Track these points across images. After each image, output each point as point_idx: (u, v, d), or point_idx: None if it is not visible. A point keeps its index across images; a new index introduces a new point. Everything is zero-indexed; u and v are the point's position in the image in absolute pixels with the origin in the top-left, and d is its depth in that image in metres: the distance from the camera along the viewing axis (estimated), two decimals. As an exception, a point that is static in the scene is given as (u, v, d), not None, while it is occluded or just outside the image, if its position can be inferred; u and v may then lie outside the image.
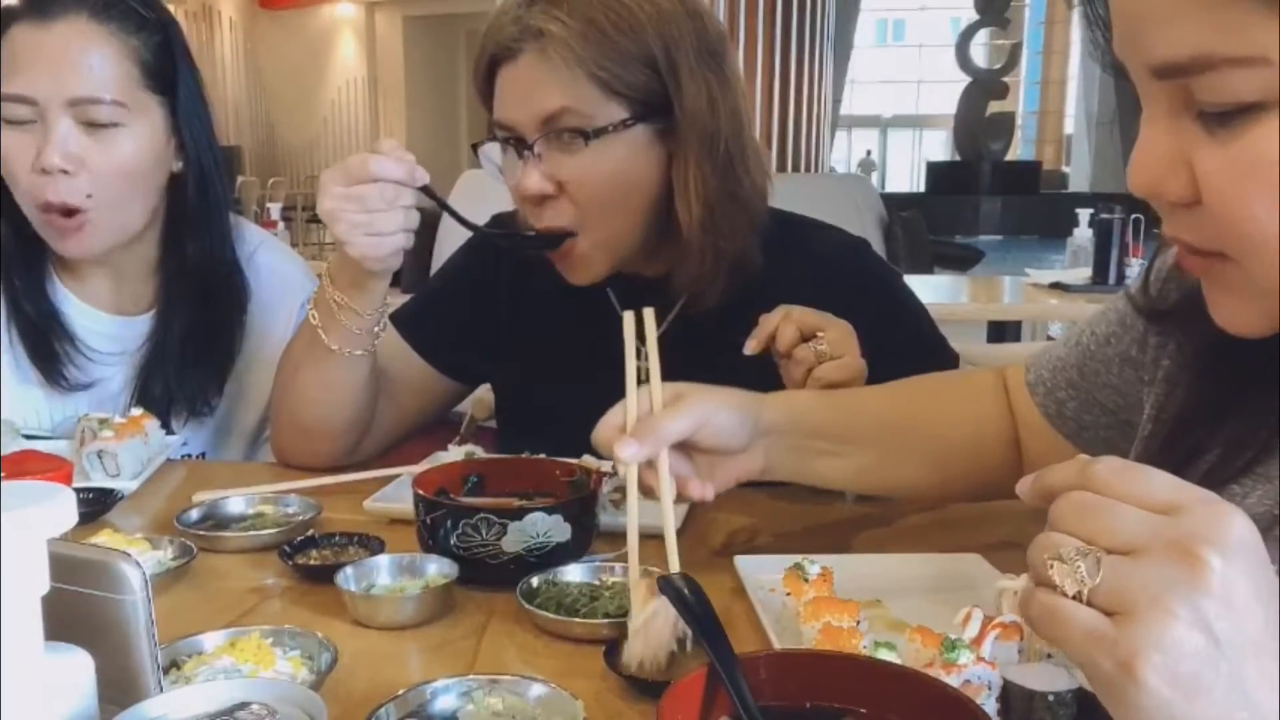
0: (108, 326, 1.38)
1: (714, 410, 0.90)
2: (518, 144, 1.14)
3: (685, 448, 0.91)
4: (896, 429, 1.04)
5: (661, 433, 0.86)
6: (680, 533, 1.04)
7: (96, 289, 1.38)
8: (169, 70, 1.28)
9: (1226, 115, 0.58)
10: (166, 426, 1.31)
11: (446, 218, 1.15)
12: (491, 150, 1.19)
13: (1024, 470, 1.02)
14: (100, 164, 1.23)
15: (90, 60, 1.20)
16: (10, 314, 1.33)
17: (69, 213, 1.24)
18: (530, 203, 1.15)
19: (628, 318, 0.93)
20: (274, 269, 1.44)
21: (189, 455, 1.42)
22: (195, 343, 1.36)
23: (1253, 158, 0.58)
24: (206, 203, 1.34)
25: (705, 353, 1.05)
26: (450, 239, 5.70)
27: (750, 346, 1.08)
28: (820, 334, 1.06)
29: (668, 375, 0.92)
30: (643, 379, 0.91)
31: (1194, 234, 0.64)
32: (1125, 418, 0.92)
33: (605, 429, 0.88)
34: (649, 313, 0.94)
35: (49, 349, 1.33)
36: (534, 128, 1.11)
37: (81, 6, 1.21)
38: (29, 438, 1.27)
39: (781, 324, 1.07)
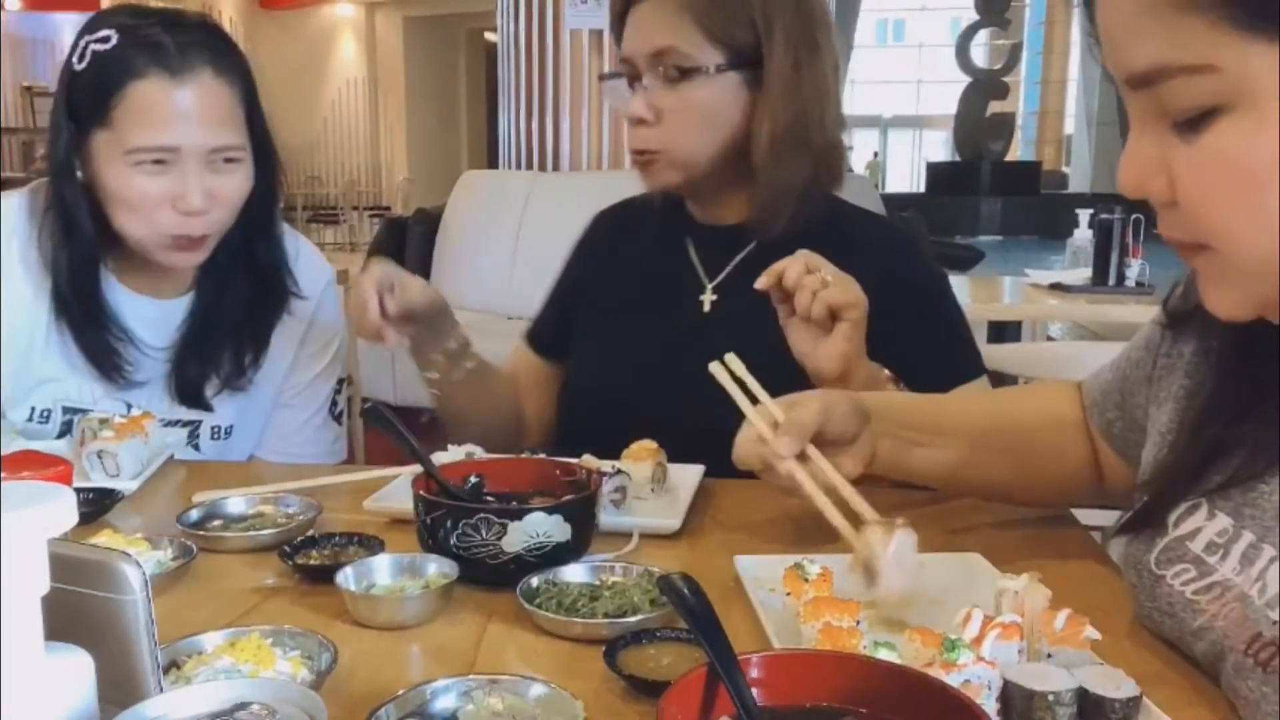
0: (149, 310, 1.43)
1: (832, 401, 0.99)
2: (631, 76, 1.32)
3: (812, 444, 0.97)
4: (983, 425, 1.07)
5: (804, 424, 0.95)
6: (680, 533, 1.05)
7: (141, 275, 1.43)
8: (253, 102, 1.40)
9: (1193, 121, 0.64)
10: (201, 401, 1.42)
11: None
12: (614, 86, 1.37)
13: (1102, 480, 1.06)
14: (226, 198, 1.36)
15: (221, 113, 1.34)
16: (60, 315, 1.38)
17: (201, 239, 1.36)
18: (631, 124, 1.33)
19: (717, 369, 1.03)
20: (297, 250, 1.53)
21: (218, 426, 1.46)
22: (242, 327, 1.45)
23: (1215, 157, 0.64)
24: (275, 215, 1.47)
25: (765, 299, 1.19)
26: (448, 242, 5.67)
27: (761, 282, 1.16)
28: (823, 269, 1.15)
29: (733, 309, 1.26)
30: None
31: (1179, 230, 0.69)
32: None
33: (745, 444, 0.98)
34: (732, 357, 1.04)
35: (104, 343, 1.39)
36: (646, 60, 1.30)
37: (205, 64, 1.32)
38: (76, 410, 1.38)
39: (789, 261, 1.16)
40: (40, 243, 1.37)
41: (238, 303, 1.44)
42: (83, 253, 1.36)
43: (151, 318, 1.42)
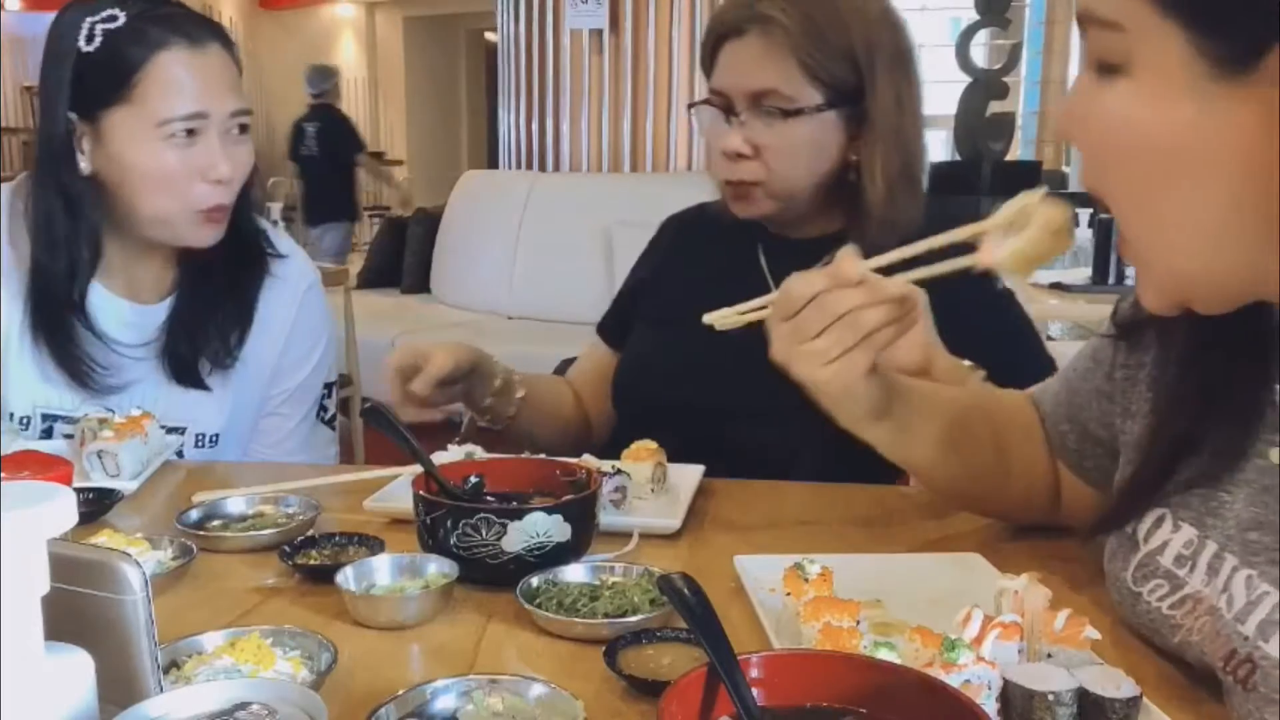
0: (127, 314, 1.42)
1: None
2: (726, 110, 1.31)
3: None
4: (969, 405, 1.02)
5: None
6: (680, 533, 1.05)
7: (120, 275, 1.43)
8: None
9: (1103, 72, 0.66)
10: (194, 380, 1.42)
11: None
12: (703, 111, 1.36)
13: (1059, 499, 1.02)
14: (243, 168, 1.39)
15: (233, 77, 1.38)
16: (39, 329, 1.37)
17: (226, 209, 1.38)
18: (728, 159, 1.33)
19: (716, 319, 1.03)
20: (291, 266, 1.52)
21: (203, 434, 1.45)
22: (223, 299, 1.45)
23: (1110, 112, 0.66)
24: (252, 186, 1.47)
25: None
26: (448, 242, 5.65)
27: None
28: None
29: None
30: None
31: (1088, 182, 0.70)
32: (1112, 447, 0.93)
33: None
34: (717, 315, 1.03)
35: (77, 353, 1.38)
36: (744, 98, 1.29)
37: (215, 38, 1.37)
38: (55, 418, 1.38)
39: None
40: (16, 241, 1.36)
41: (221, 278, 1.45)
42: (82, 246, 1.35)
43: (130, 321, 1.42)
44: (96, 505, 1.08)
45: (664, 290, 1.49)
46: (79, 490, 1.04)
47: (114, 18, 1.30)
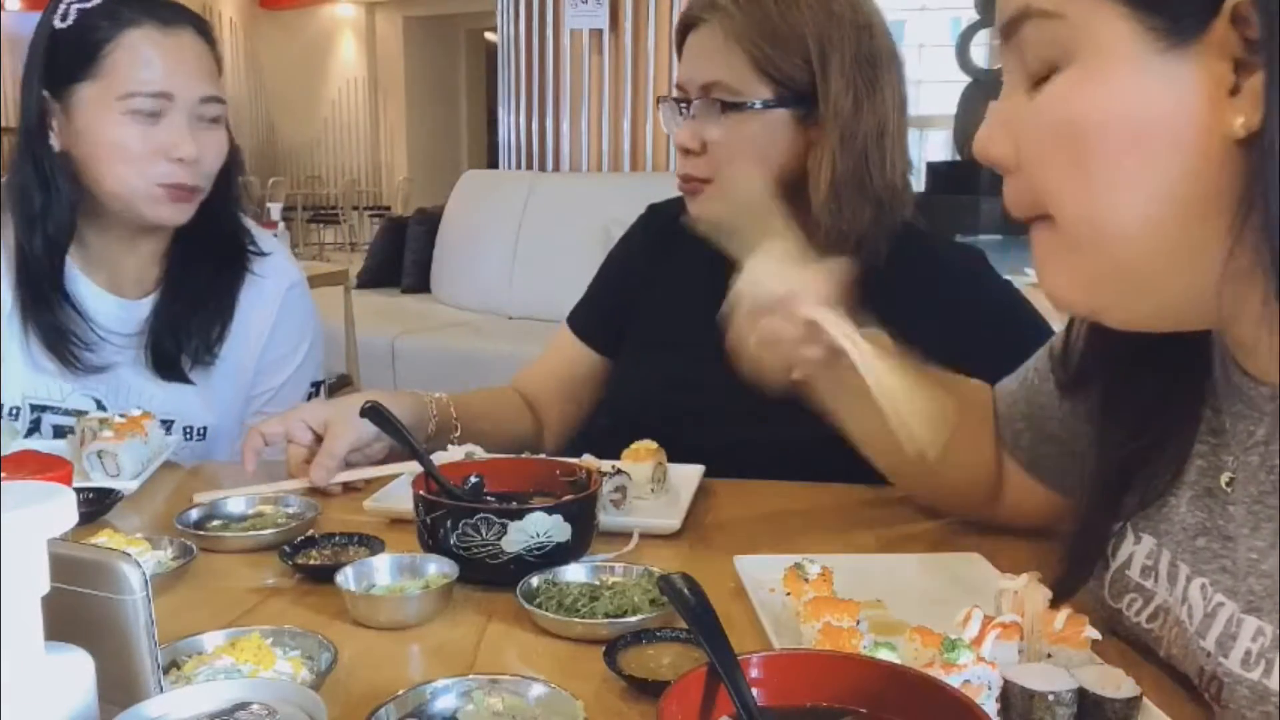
0: (112, 307, 1.43)
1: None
2: (683, 103, 1.29)
3: None
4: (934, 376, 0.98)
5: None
6: (680, 533, 1.05)
7: (106, 270, 1.44)
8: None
9: (1039, 78, 0.66)
10: (177, 374, 1.43)
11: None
12: (666, 106, 1.33)
13: (999, 494, 1.01)
14: (214, 152, 1.40)
15: (207, 68, 1.39)
16: (27, 310, 1.38)
17: (192, 190, 1.38)
18: (680, 152, 1.30)
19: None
20: (274, 264, 1.53)
21: (190, 427, 1.45)
22: (205, 296, 1.46)
23: (1051, 111, 0.65)
24: (234, 181, 1.49)
25: None
26: (448, 242, 5.65)
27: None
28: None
29: None
30: None
31: (1017, 197, 0.70)
32: (1072, 448, 0.92)
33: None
34: None
35: (61, 330, 1.39)
36: (696, 90, 1.26)
37: (189, 23, 1.38)
38: (44, 408, 1.40)
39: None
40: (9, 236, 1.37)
41: (203, 271, 1.46)
42: (57, 220, 1.36)
43: (115, 315, 1.43)
44: (96, 505, 1.08)
45: (654, 304, 1.44)
46: (79, 490, 1.04)
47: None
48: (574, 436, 1.47)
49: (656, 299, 1.45)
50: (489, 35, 12.28)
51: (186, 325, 1.44)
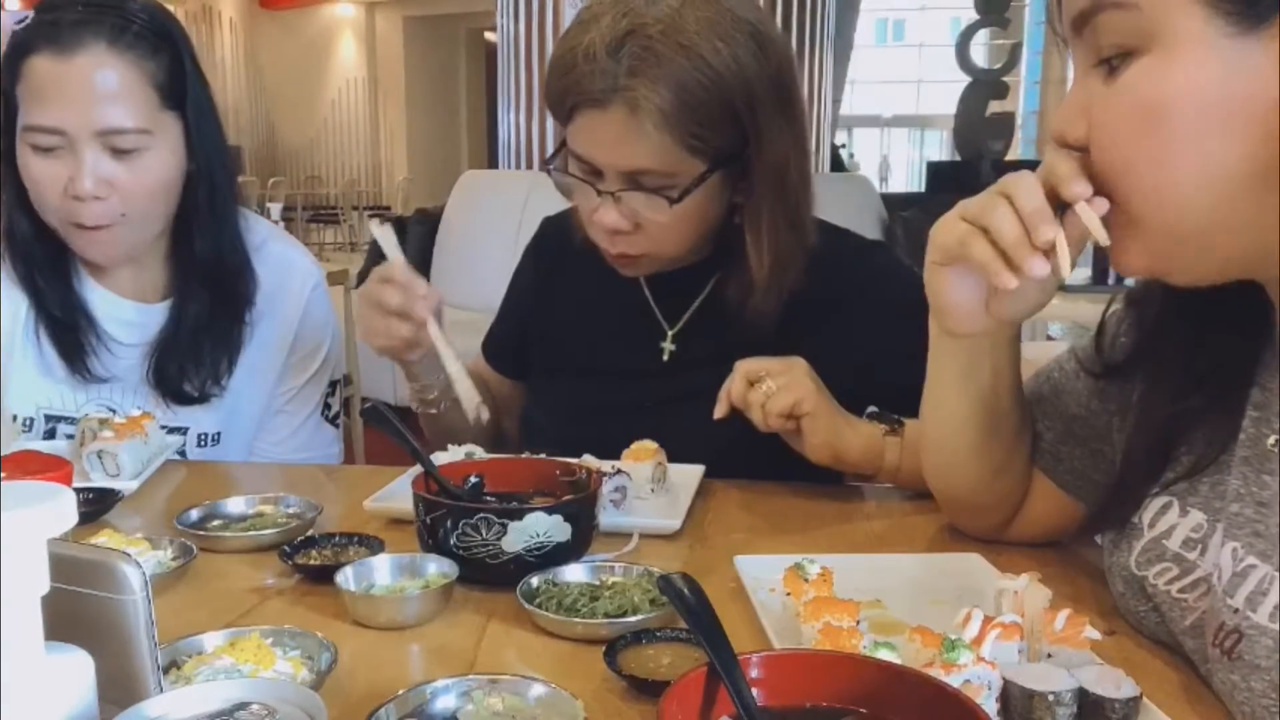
0: (129, 313, 1.41)
1: None
2: (594, 177, 1.18)
3: None
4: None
5: None
6: (680, 533, 1.05)
7: (117, 276, 1.42)
8: (181, 85, 1.32)
9: (1114, 64, 0.70)
10: (187, 401, 1.40)
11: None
12: (564, 175, 1.23)
13: (1022, 514, 1.02)
14: (130, 186, 1.28)
15: (113, 91, 1.25)
16: (37, 313, 1.37)
17: (101, 230, 1.30)
18: (603, 233, 1.21)
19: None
20: (282, 257, 1.50)
21: (204, 434, 1.44)
22: (207, 328, 1.41)
23: (1125, 96, 0.69)
24: (214, 204, 1.39)
25: (727, 338, 1.22)
26: (448, 242, 5.65)
27: (718, 412, 1.14)
28: (765, 376, 1.12)
29: (692, 356, 1.28)
30: None
31: (1090, 177, 0.74)
32: (1095, 447, 0.94)
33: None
34: None
35: (74, 340, 1.37)
36: (616, 176, 1.16)
37: (99, 36, 1.25)
38: (59, 419, 1.38)
39: (730, 381, 1.14)
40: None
41: (202, 306, 1.40)
42: (25, 236, 1.34)
43: (128, 320, 1.41)
44: (96, 505, 1.08)
45: (558, 326, 1.42)
46: (79, 490, 1.04)
47: (24, 19, 1.27)
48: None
49: (557, 319, 1.42)
50: (489, 35, 12.27)
51: (196, 356, 1.40)
